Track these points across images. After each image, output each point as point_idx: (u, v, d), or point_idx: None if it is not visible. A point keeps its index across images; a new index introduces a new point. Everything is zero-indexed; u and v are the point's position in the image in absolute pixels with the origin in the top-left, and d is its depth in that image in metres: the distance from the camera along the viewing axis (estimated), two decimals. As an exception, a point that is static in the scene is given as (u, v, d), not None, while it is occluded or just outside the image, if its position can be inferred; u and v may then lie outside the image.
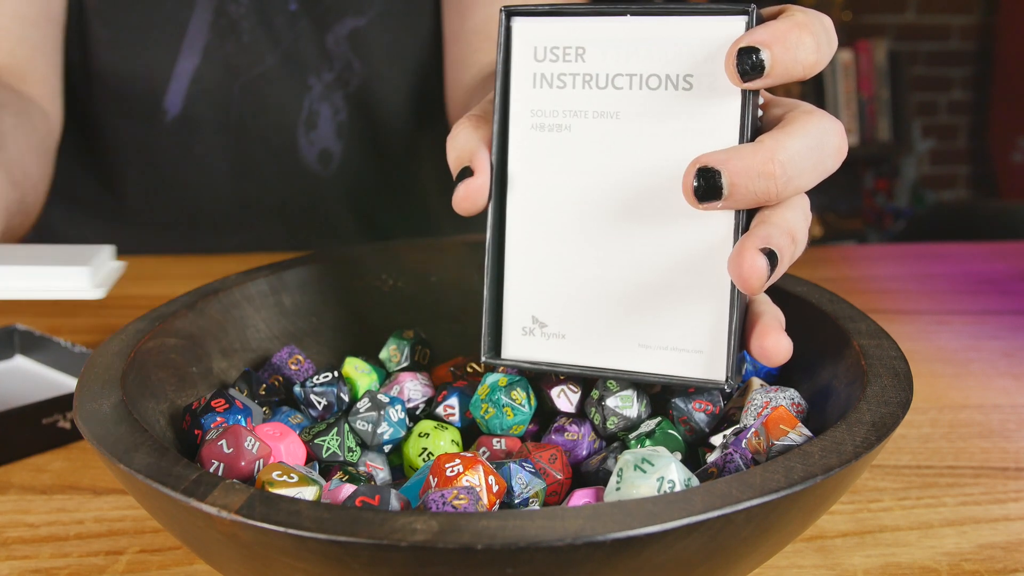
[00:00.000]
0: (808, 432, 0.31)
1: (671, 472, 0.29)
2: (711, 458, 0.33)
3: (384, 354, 0.44)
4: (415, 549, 0.23)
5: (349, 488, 0.31)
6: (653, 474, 0.29)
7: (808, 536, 0.39)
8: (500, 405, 0.37)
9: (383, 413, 0.37)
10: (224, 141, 0.79)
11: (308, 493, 0.31)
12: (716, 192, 0.31)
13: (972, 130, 2.91)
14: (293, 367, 0.41)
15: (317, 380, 0.39)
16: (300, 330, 0.45)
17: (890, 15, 2.76)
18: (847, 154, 0.33)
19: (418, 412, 0.40)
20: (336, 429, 0.36)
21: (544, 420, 0.39)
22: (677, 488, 0.28)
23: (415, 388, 0.40)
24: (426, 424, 0.38)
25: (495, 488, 0.31)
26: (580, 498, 0.32)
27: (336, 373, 0.40)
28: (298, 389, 0.40)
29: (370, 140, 0.81)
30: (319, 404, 0.39)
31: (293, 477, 0.31)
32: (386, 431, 0.37)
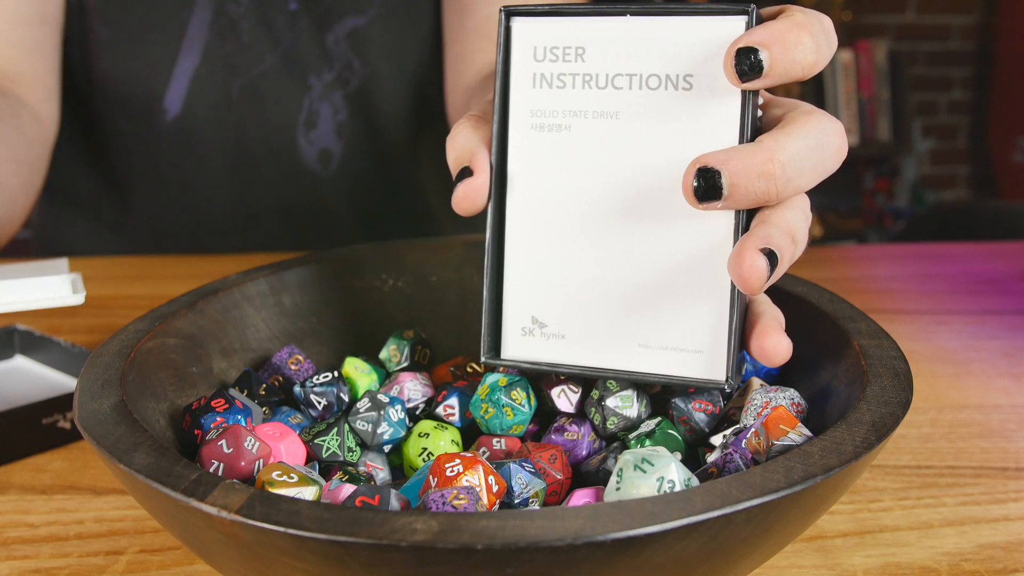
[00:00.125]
0: (808, 432, 0.31)
1: (671, 472, 0.29)
2: (711, 458, 0.33)
3: (384, 354, 0.44)
4: (415, 549, 0.23)
5: (349, 488, 0.31)
6: (653, 474, 0.29)
7: (808, 536, 0.39)
8: (500, 405, 0.37)
9: (383, 413, 0.37)
10: (224, 141, 0.79)
11: (308, 493, 0.31)
12: (716, 192, 0.30)
13: (972, 130, 2.91)
14: (293, 367, 0.41)
15: (317, 380, 0.39)
16: (300, 330, 0.45)
17: (890, 15, 2.76)
18: (847, 154, 0.33)
19: (418, 412, 0.40)
20: (336, 429, 0.36)
21: (544, 420, 0.39)
22: (677, 488, 0.28)
23: (415, 388, 0.40)
24: (426, 424, 0.38)
25: (495, 488, 0.31)
26: (580, 498, 0.32)
27: (336, 373, 0.40)
28: (298, 389, 0.40)
29: (370, 140, 0.81)
30: (319, 404, 0.39)
31: (293, 477, 0.31)
32: (386, 431, 0.37)
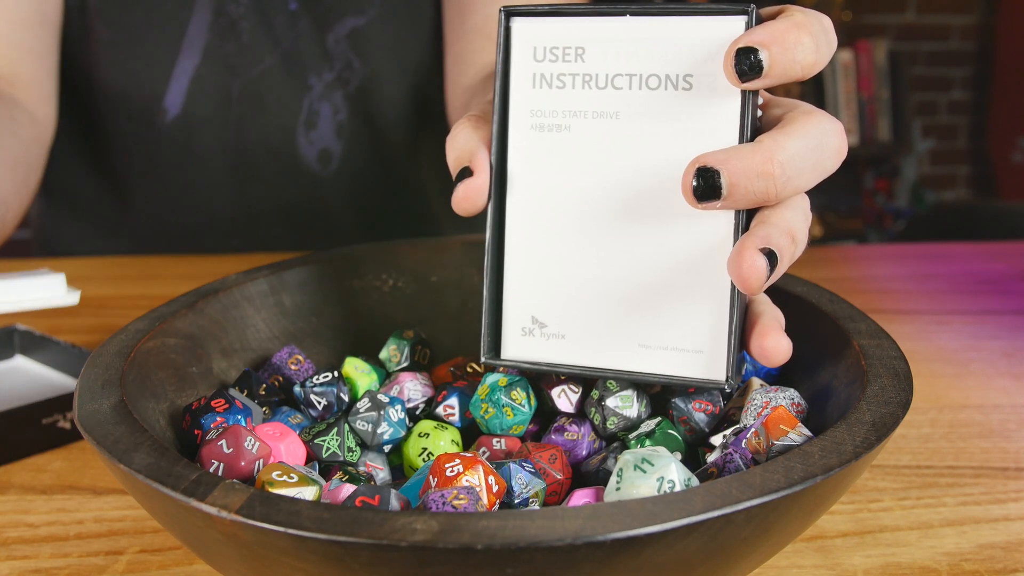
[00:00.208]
0: (808, 432, 0.31)
1: (671, 472, 0.29)
2: (711, 458, 0.33)
3: (384, 354, 0.44)
4: (415, 549, 0.23)
5: (349, 488, 0.31)
6: (653, 474, 0.29)
7: (808, 536, 0.39)
8: (500, 405, 0.37)
9: (383, 413, 0.37)
10: (224, 141, 0.79)
11: (308, 493, 0.31)
12: (715, 192, 0.30)
13: (972, 130, 2.91)
14: (293, 367, 0.41)
15: (317, 380, 0.39)
16: (300, 330, 0.45)
17: (890, 15, 2.76)
18: (847, 154, 0.33)
19: (418, 412, 0.40)
20: (336, 429, 0.36)
21: (544, 420, 0.39)
22: (677, 488, 0.28)
23: (415, 388, 0.40)
24: (426, 424, 0.38)
25: (495, 488, 0.31)
26: (580, 498, 0.32)
27: (336, 373, 0.40)
28: (298, 389, 0.40)
29: (370, 140, 0.81)
30: (319, 404, 0.39)
31: (293, 477, 0.31)
32: (386, 431, 0.37)
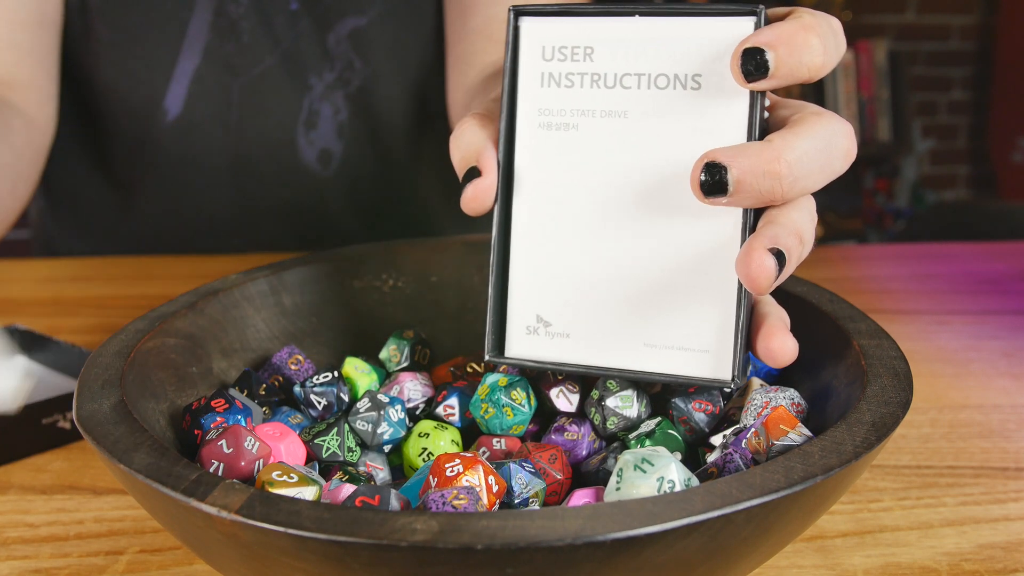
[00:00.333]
0: (808, 432, 0.31)
1: (671, 472, 0.29)
2: (711, 458, 0.33)
3: (384, 354, 0.44)
4: (415, 549, 0.23)
5: (349, 488, 0.31)
6: (653, 474, 0.29)
7: (808, 536, 0.39)
8: (500, 405, 0.37)
9: (383, 413, 0.37)
10: (224, 141, 0.79)
11: (308, 493, 0.31)
12: (722, 188, 0.30)
13: (972, 130, 2.91)
14: (293, 367, 0.41)
15: (317, 380, 0.39)
16: (300, 330, 0.45)
17: (890, 15, 2.76)
18: (855, 155, 0.33)
19: (418, 412, 0.40)
20: (336, 429, 0.36)
21: (544, 420, 0.39)
22: (677, 488, 0.28)
23: (415, 388, 0.40)
24: (426, 424, 0.38)
25: (495, 488, 0.31)
26: (580, 498, 0.32)
27: (336, 373, 0.40)
28: (298, 389, 0.40)
29: (371, 140, 0.81)
30: (319, 404, 0.39)
31: (293, 477, 0.31)
32: (386, 431, 0.37)
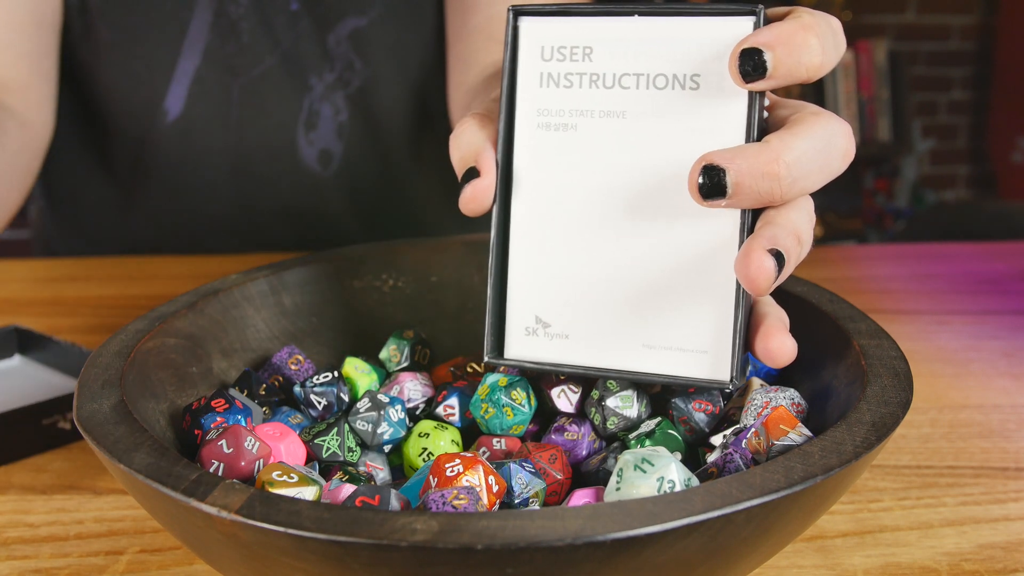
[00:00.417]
0: (808, 432, 0.31)
1: (671, 472, 0.29)
2: (711, 458, 0.33)
3: (384, 354, 0.44)
4: (415, 549, 0.23)
5: (349, 488, 0.31)
6: (653, 474, 0.29)
7: (808, 536, 0.39)
8: (500, 405, 0.37)
9: (383, 413, 0.37)
10: (224, 141, 0.79)
11: (308, 493, 0.31)
12: (720, 190, 0.30)
13: (972, 130, 2.91)
14: (293, 367, 0.41)
15: (317, 380, 0.39)
16: (300, 330, 0.45)
17: (890, 15, 2.76)
18: (854, 155, 0.33)
19: (418, 412, 0.40)
20: (336, 429, 0.36)
21: (544, 420, 0.39)
22: (677, 488, 0.28)
23: (415, 388, 0.40)
24: (426, 424, 0.38)
25: (495, 488, 0.31)
26: (580, 498, 0.32)
27: (336, 373, 0.40)
28: (298, 389, 0.40)
29: (371, 141, 0.81)
30: (319, 404, 0.39)
31: (293, 477, 0.31)
32: (386, 431, 0.37)
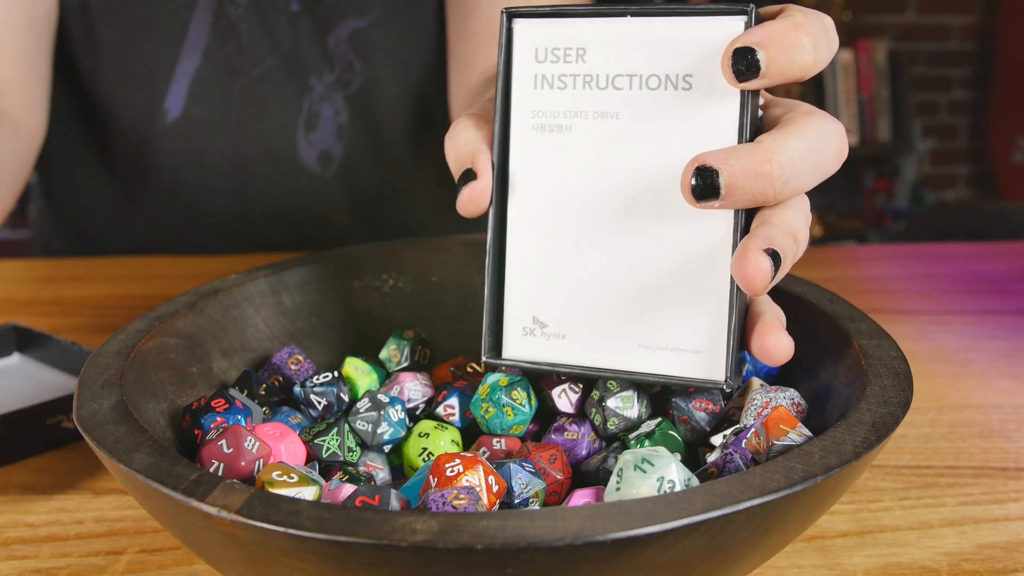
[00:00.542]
0: (808, 432, 0.31)
1: (671, 472, 0.29)
2: (711, 458, 0.33)
3: (384, 354, 0.44)
4: (415, 549, 0.23)
5: (349, 488, 0.31)
6: (653, 474, 0.29)
7: (808, 536, 0.39)
8: (500, 405, 0.37)
9: (383, 413, 0.37)
10: (224, 142, 0.79)
11: (308, 493, 0.31)
12: (714, 191, 0.30)
13: (972, 130, 2.91)
14: (293, 367, 0.41)
15: (317, 380, 0.39)
16: (300, 330, 0.45)
17: (890, 15, 2.76)
18: (847, 154, 0.33)
19: (418, 412, 0.40)
20: (336, 429, 0.36)
21: (544, 420, 0.39)
22: (677, 488, 0.28)
23: (415, 388, 0.40)
24: (426, 424, 0.38)
25: (495, 488, 0.31)
26: (580, 498, 0.32)
27: (336, 373, 0.40)
28: (298, 389, 0.40)
29: (371, 141, 0.81)
30: (319, 404, 0.39)
31: (293, 477, 0.31)
32: (386, 431, 0.37)
